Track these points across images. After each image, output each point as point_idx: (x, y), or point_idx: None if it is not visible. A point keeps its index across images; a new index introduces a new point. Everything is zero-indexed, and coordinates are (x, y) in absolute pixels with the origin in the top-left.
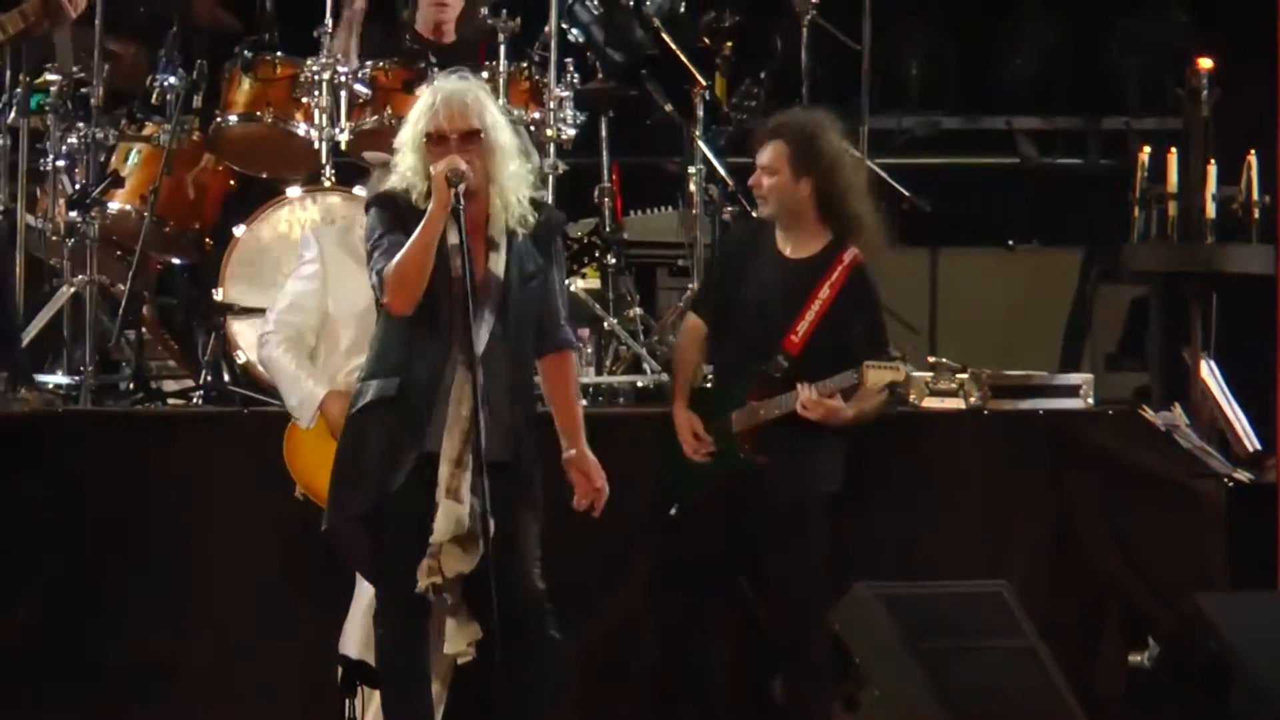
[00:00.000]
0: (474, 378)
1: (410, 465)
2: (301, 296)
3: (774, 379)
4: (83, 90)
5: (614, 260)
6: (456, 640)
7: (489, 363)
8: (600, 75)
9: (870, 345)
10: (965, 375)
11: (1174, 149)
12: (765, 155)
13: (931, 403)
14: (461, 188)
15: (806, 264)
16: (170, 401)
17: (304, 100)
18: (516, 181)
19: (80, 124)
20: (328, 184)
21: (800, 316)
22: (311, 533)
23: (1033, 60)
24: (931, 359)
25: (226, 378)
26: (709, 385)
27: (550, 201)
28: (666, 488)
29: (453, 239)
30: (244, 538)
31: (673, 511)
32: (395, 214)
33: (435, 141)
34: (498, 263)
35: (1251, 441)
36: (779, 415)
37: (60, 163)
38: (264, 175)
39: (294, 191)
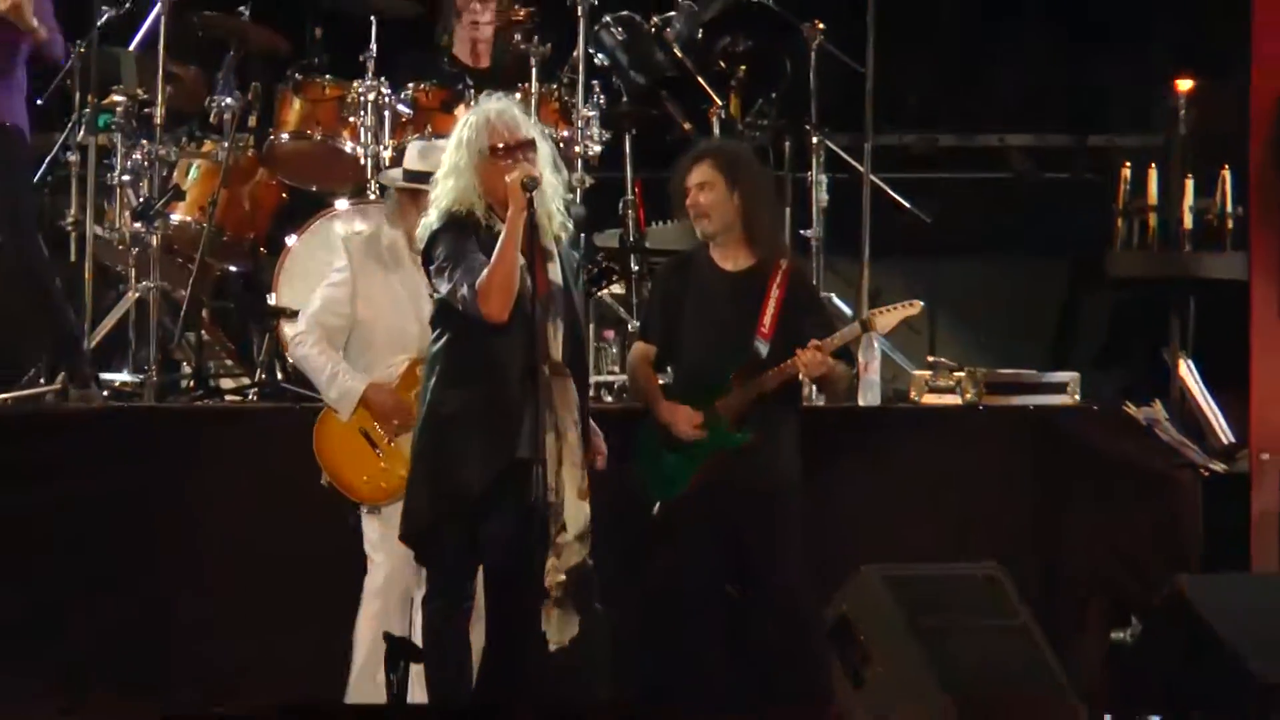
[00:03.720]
0: (572, 384)
1: (500, 472)
2: (331, 301)
3: (757, 362)
4: (146, 110)
5: (636, 269)
6: (562, 631)
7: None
8: (624, 96)
9: (824, 335)
10: (962, 373)
11: (1154, 165)
12: (698, 174)
13: (930, 399)
14: (534, 193)
15: (750, 273)
16: (228, 398)
17: (350, 119)
18: (554, 192)
19: (144, 141)
20: (372, 197)
21: (764, 312)
22: (338, 518)
23: (1024, 83)
24: (931, 359)
25: (279, 375)
26: (670, 385)
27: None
28: (646, 492)
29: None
30: (292, 525)
31: (655, 511)
32: (466, 234)
33: (498, 154)
34: (556, 271)
35: (1226, 434)
36: (777, 385)
37: (125, 177)
38: (313, 189)
39: (341, 204)
